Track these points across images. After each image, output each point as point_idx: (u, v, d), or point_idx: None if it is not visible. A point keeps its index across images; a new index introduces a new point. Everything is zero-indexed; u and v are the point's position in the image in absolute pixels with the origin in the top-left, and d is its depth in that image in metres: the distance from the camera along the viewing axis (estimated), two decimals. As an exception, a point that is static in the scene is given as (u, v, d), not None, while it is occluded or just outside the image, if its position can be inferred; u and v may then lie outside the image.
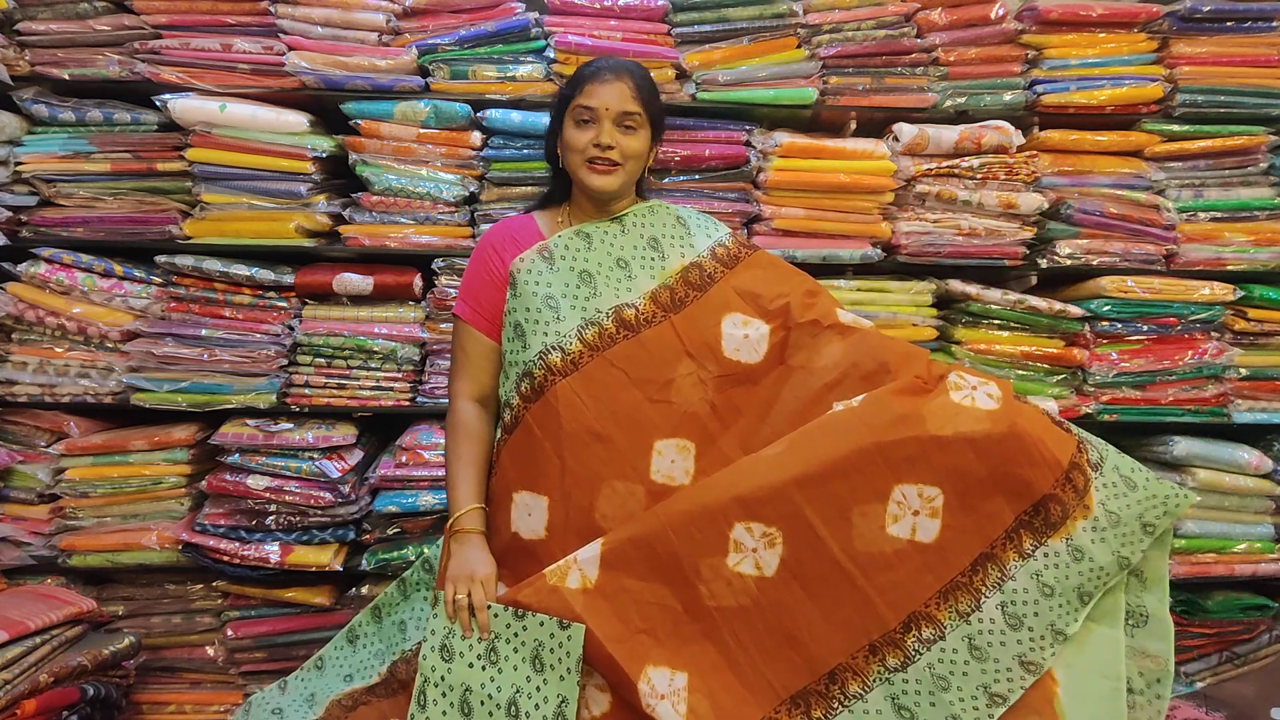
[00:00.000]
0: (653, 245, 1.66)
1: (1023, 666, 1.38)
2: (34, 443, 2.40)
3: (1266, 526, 2.53)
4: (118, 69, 2.34)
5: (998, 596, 1.41)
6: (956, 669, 1.39)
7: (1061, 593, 1.41)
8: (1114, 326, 2.49)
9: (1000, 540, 1.43)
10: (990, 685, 1.38)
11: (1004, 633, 1.40)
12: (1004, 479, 1.43)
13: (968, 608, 1.41)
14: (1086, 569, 1.41)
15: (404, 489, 2.38)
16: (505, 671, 1.42)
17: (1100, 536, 1.43)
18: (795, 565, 1.42)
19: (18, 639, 1.96)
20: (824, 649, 1.41)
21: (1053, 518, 1.43)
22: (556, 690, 1.39)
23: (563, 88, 1.67)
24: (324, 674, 1.73)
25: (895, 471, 1.43)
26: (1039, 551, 1.42)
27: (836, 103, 2.45)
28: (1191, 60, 2.48)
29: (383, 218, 2.40)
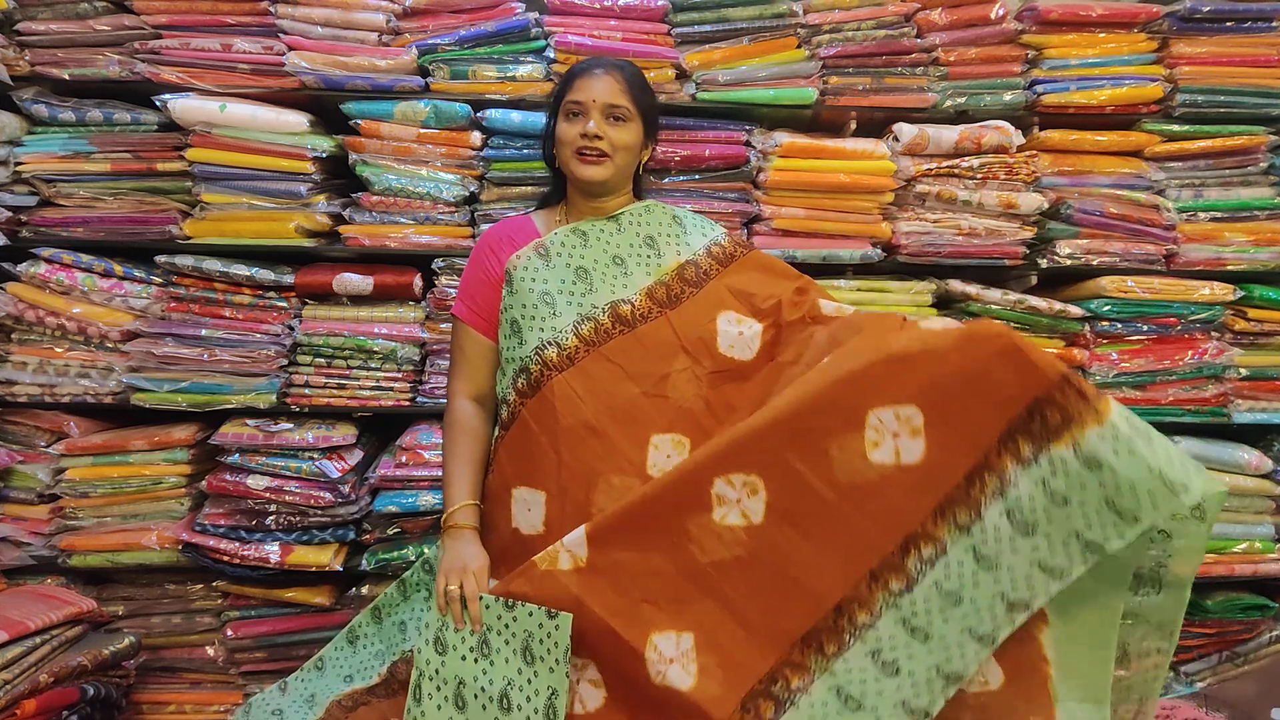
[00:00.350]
0: (649, 243, 1.67)
1: (1044, 571, 1.28)
2: (34, 443, 2.40)
3: (1266, 526, 2.53)
4: (118, 69, 2.34)
5: (1000, 504, 1.31)
6: (965, 582, 1.32)
7: (1082, 502, 1.25)
8: (1114, 326, 2.49)
9: (994, 449, 1.32)
10: (1007, 593, 1.30)
11: (1013, 539, 1.30)
12: (986, 387, 1.31)
13: (967, 520, 1.33)
14: (1110, 481, 1.22)
15: (404, 489, 2.38)
16: (497, 664, 1.42)
17: (1123, 447, 1.22)
18: (782, 508, 1.39)
19: (18, 639, 1.96)
20: (825, 585, 1.37)
21: (1052, 423, 1.28)
22: (547, 682, 1.38)
23: (555, 87, 1.70)
24: (324, 675, 1.73)
25: (866, 397, 1.36)
26: (1042, 458, 1.28)
27: (836, 103, 2.45)
28: (1191, 60, 2.48)
29: (383, 218, 2.40)
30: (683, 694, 1.35)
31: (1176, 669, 2.60)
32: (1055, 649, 1.37)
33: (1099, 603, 1.35)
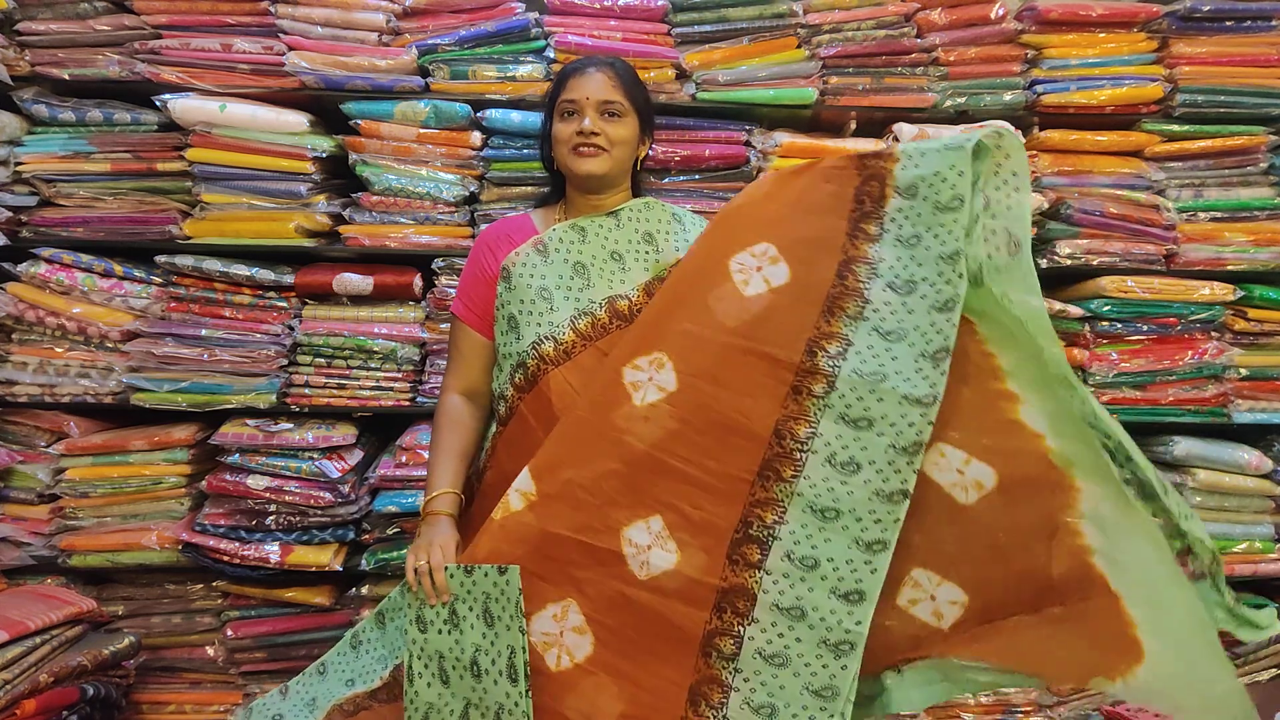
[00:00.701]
0: (647, 239, 1.68)
1: (940, 311, 1.36)
2: (34, 443, 2.40)
3: (1266, 526, 2.53)
4: (118, 69, 2.34)
5: (879, 282, 1.42)
6: (881, 358, 1.38)
7: (928, 226, 1.41)
8: (1114, 326, 2.49)
9: (847, 243, 1.46)
10: (924, 349, 1.36)
11: (905, 302, 1.39)
12: (816, 202, 1.50)
13: (856, 308, 1.42)
14: (928, 189, 1.41)
15: (404, 489, 2.38)
16: (465, 632, 1.43)
17: (916, 156, 1.44)
18: (690, 369, 1.44)
19: (18, 639, 1.96)
20: (757, 417, 1.40)
21: (874, 193, 1.47)
22: (506, 641, 1.38)
23: (549, 89, 1.71)
24: (326, 679, 1.72)
25: (722, 251, 1.51)
26: (885, 221, 1.45)
27: (836, 103, 2.45)
28: (1191, 60, 2.48)
29: (383, 218, 2.40)
30: (670, 573, 1.36)
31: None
32: (1044, 421, 1.36)
33: (1046, 361, 1.36)
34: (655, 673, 1.35)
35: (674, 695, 1.34)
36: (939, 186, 1.41)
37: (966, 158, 1.39)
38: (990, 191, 1.42)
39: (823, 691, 1.28)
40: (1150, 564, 1.30)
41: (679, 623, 1.35)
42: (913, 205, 1.44)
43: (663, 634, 1.36)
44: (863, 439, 1.36)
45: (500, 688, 1.37)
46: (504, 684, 1.37)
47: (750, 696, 1.30)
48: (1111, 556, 1.31)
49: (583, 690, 1.37)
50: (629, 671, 1.36)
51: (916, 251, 1.41)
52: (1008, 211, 1.42)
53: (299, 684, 1.71)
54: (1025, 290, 1.39)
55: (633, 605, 1.37)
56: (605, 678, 1.37)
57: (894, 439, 1.33)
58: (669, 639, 1.35)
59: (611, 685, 1.36)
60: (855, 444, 1.36)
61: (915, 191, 1.44)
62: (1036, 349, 1.36)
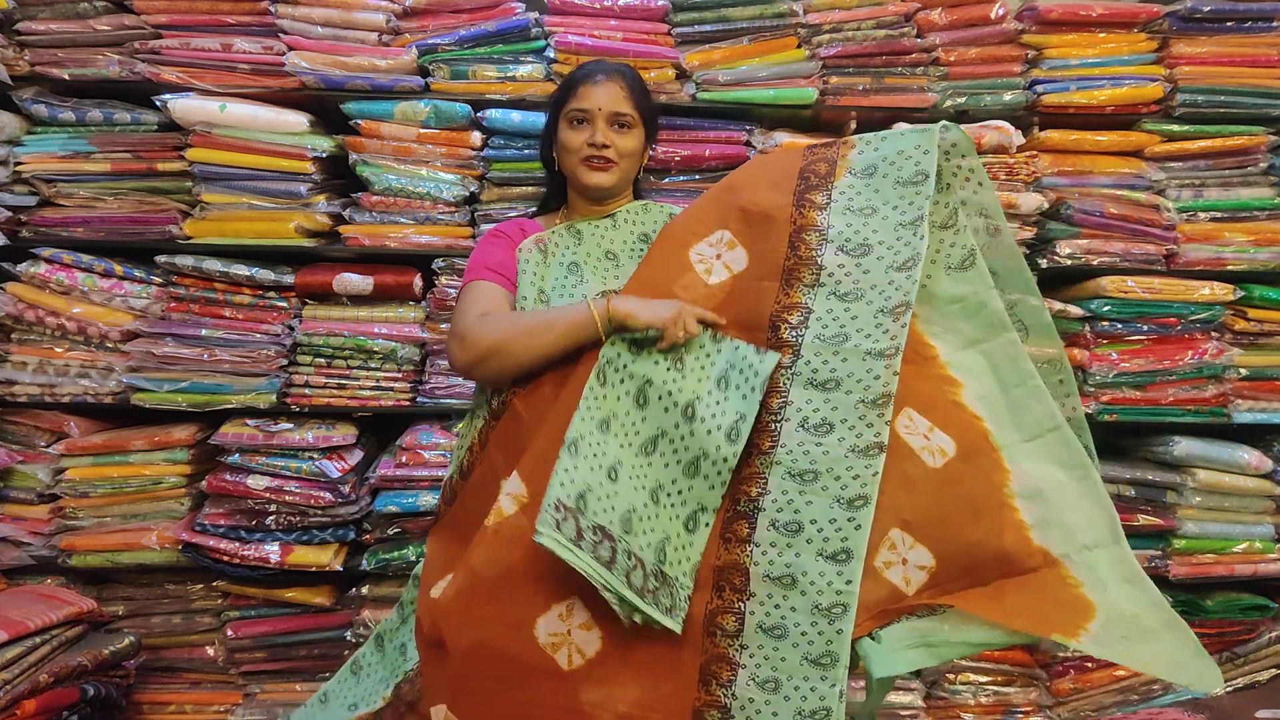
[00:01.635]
0: (643, 240, 1.68)
1: (899, 270, 1.43)
2: (34, 443, 2.40)
3: (1266, 526, 2.53)
4: (118, 69, 2.34)
5: (830, 247, 1.48)
6: (842, 320, 1.43)
7: (886, 199, 1.49)
8: (1114, 326, 2.49)
9: (794, 214, 1.52)
10: (884, 306, 1.41)
11: (859, 264, 1.46)
12: (763, 184, 1.57)
13: (812, 276, 1.47)
14: (888, 169, 1.50)
15: (404, 489, 2.38)
16: (689, 379, 1.44)
17: (876, 141, 1.55)
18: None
19: (18, 639, 1.96)
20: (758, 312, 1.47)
21: (821, 172, 1.55)
22: (737, 407, 1.39)
23: (555, 92, 1.70)
24: (328, 707, 1.71)
25: (682, 242, 1.56)
26: (834, 193, 1.53)
27: (836, 103, 2.45)
28: (1191, 60, 2.48)
29: (383, 218, 2.40)
30: None
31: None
32: (982, 405, 1.46)
33: (995, 348, 1.48)
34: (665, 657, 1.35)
35: (686, 676, 1.34)
36: (901, 164, 1.50)
37: (932, 138, 1.49)
38: (960, 190, 1.53)
39: (820, 659, 1.28)
40: (1081, 528, 1.41)
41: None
42: (869, 183, 1.52)
43: None
44: (832, 399, 1.38)
45: (713, 439, 1.38)
46: (718, 437, 1.38)
47: (755, 672, 1.31)
48: (1047, 529, 1.39)
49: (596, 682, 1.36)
50: (640, 659, 1.36)
51: (871, 220, 1.49)
52: (978, 200, 1.54)
53: (302, 715, 1.71)
54: (1010, 257, 1.54)
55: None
56: (617, 668, 1.36)
57: (862, 394, 1.37)
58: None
59: (624, 674, 1.35)
60: (825, 405, 1.38)
61: (874, 171, 1.52)
62: (992, 320, 1.48)
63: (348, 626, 2.40)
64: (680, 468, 1.41)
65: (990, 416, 1.46)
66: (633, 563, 1.33)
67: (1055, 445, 1.44)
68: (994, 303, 1.48)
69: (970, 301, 1.49)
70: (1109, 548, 1.40)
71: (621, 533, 1.34)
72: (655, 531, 1.38)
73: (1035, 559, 1.38)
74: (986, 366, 1.48)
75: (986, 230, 1.55)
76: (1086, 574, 1.37)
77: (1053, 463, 1.44)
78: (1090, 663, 2.51)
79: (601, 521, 1.33)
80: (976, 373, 1.48)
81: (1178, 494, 2.49)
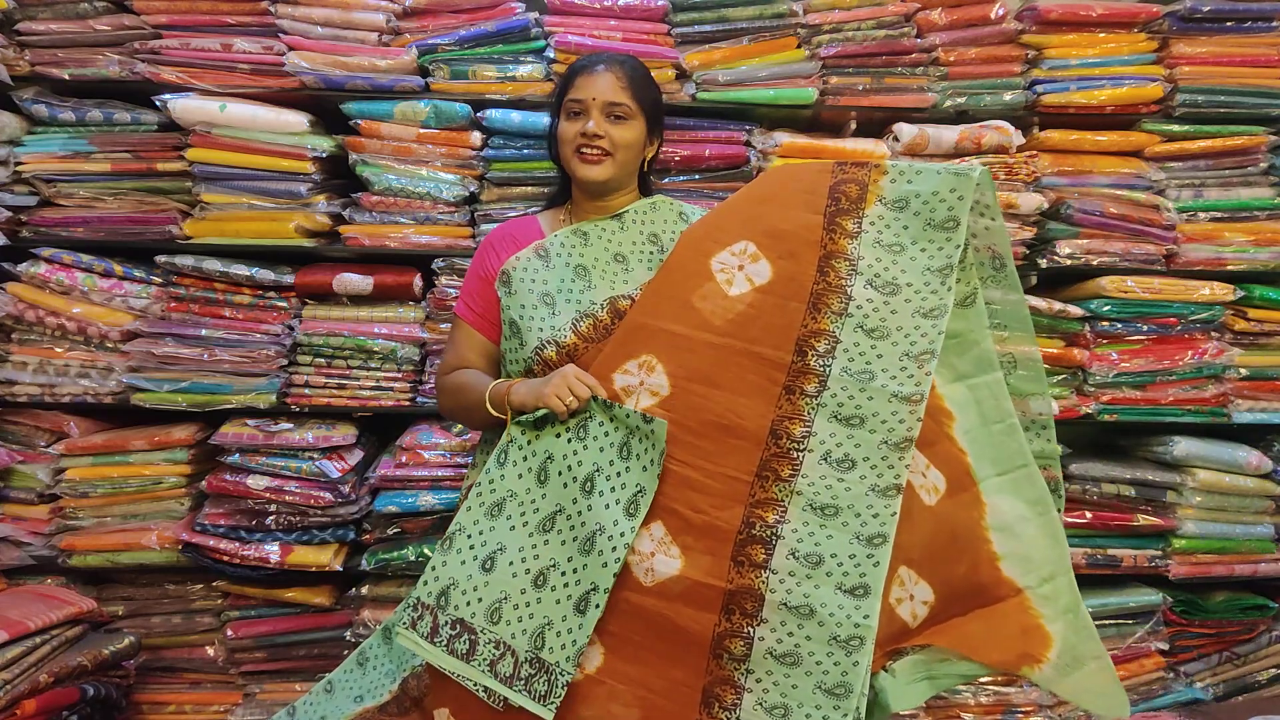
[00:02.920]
0: (652, 240, 1.67)
1: (925, 317, 1.43)
2: (34, 443, 2.40)
3: (1266, 526, 2.53)
4: (118, 69, 2.34)
5: (860, 279, 1.47)
6: (868, 356, 1.43)
7: (915, 239, 1.49)
8: (1114, 326, 2.49)
9: (824, 237, 1.50)
10: (909, 350, 1.42)
11: (887, 302, 1.45)
12: (792, 199, 1.55)
13: (840, 305, 1.46)
14: (921, 205, 1.49)
15: (404, 489, 2.38)
16: (590, 450, 1.44)
17: (911, 174, 1.52)
18: (681, 370, 1.45)
19: (18, 639, 1.96)
20: (752, 417, 1.41)
21: (852, 195, 1.53)
22: (637, 479, 1.39)
23: (557, 85, 1.69)
24: (333, 697, 1.71)
25: (703, 250, 1.54)
26: (864, 222, 1.51)
27: (836, 103, 2.45)
28: (1191, 60, 2.48)
29: (383, 218, 2.40)
30: (676, 578, 1.36)
31: (1176, 669, 2.60)
32: (966, 439, 1.51)
33: (981, 384, 1.53)
34: (667, 676, 1.35)
35: (687, 698, 1.34)
36: (935, 205, 1.49)
37: (970, 184, 1.47)
38: (973, 223, 1.54)
39: (835, 689, 1.28)
40: (1040, 560, 1.48)
41: (688, 626, 1.34)
42: (899, 217, 1.51)
43: (673, 639, 1.35)
44: (856, 436, 1.38)
45: (610, 514, 1.37)
46: (616, 511, 1.37)
47: (763, 697, 1.30)
48: (1014, 561, 1.47)
49: (596, 698, 1.36)
50: (640, 677, 1.36)
51: (900, 259, 1.48)
52: (987, 233, 1.57)
53: (306, 704, 1.70)
54: (1010, 289, 1.58)
55: (641, 612, 1.37)
56: (618, 685, 1.36)
57: (885, 435, 1.37)
58: (679, 643, 1.35)
59: (625, 692, 1.36)
60: (849, 441, 1.39)
61: (905, 206, 1.51)
62: (982, 358, 1.52)
63: (348, 626, 2.40)
64: (576, 545, 1.40)
65: (972, 451, 1.51)
66: (499, 651, 1.37)
67: (1023, 481, 1.51)
68: (986, 343, 1.53)
69: (965, 339, 1.53)
70: (1061, 578, 1.48)
71: (487, 624, 1.38)
72: (534, 618, 1.39)
73: (1004, 589, 1.46)
74: (972, 401, 1.53)
75: (992, 264, 1.57)
76: (1047, 606, 1.46)
77: (1019, 498, 1.50)
78: (1090, 663, 2.52)
79: (463, 615, 1.39)
80: (963, 406, 1.53)
81: (1178, 494, 2.49)
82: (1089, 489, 2.48)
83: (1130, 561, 2.50)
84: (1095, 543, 2.50)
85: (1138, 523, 2.48)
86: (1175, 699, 2.55)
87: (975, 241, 1.55)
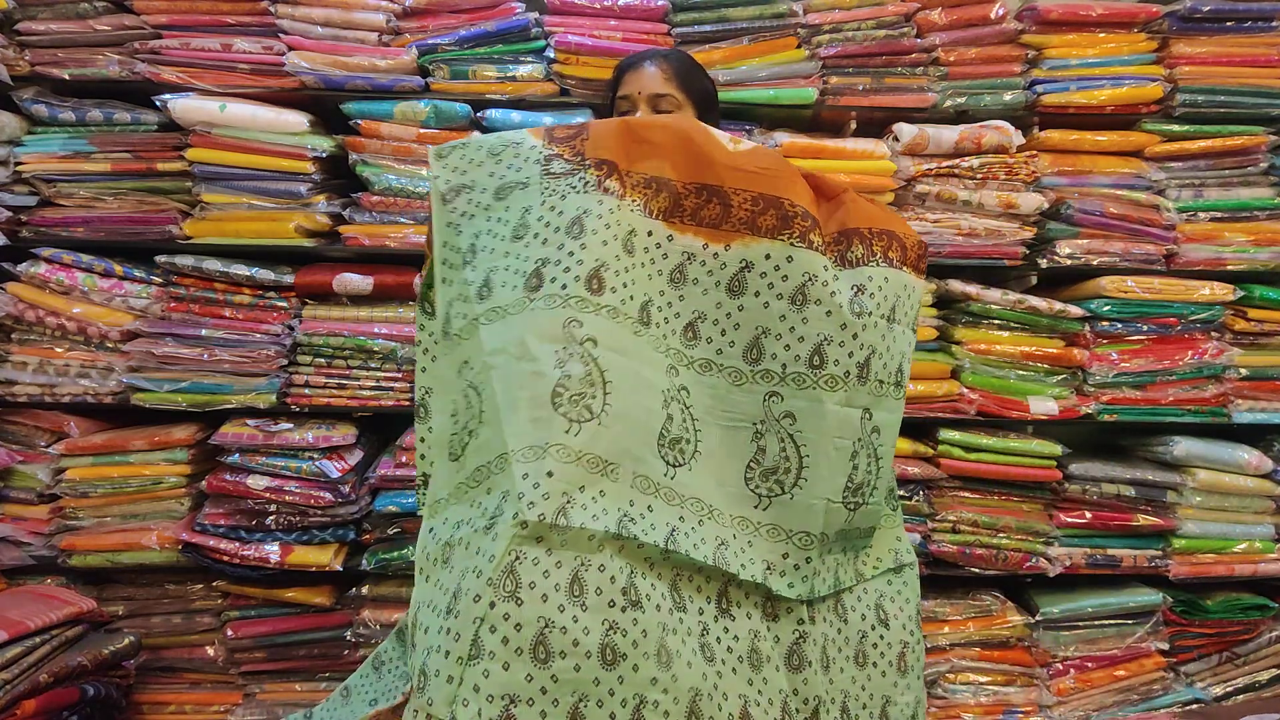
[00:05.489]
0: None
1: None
2: (34, 443, 2.40)
3: (1266, 526, 2.53)
4: (118, 69, 2.34)
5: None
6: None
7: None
8: (1114, 326, 2.49)
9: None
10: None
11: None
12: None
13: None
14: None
15: (404, 489, 2.38)
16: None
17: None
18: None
19: (18, 639, 1.96)
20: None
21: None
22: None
23: (607, 87, 1.71)
24: (350, 702, 1.71)
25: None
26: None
27: (836, 103, 2.45)
28: (1191, 60, 2.48)
29: (383, 218, 2.40)
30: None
31: (1176, 669, 2.60)
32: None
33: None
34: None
35: None
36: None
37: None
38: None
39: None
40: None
41: None
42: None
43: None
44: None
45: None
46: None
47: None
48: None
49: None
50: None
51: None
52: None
53: (323, 710, 1.70)
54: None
55: None
56: None
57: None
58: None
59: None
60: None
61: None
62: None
63: (348, 626, 2.40)
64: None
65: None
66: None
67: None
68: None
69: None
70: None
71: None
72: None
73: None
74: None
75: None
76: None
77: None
78: (1090, 663, 2.52)
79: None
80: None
81: (1178, 494, 2.49)
82: (1089, 489, 2.48)
83: (1130, 561, 2.50)
84: (1095, 543, 2.50)
85: (1138, 523, 2.48)
86: (1175, 699, 2.55)
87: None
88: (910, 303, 1.41)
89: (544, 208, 1.24)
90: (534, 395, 1.15)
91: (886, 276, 1.36)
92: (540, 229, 1.23)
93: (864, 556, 1.44)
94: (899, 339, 1.38)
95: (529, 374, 1.16)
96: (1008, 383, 2.47)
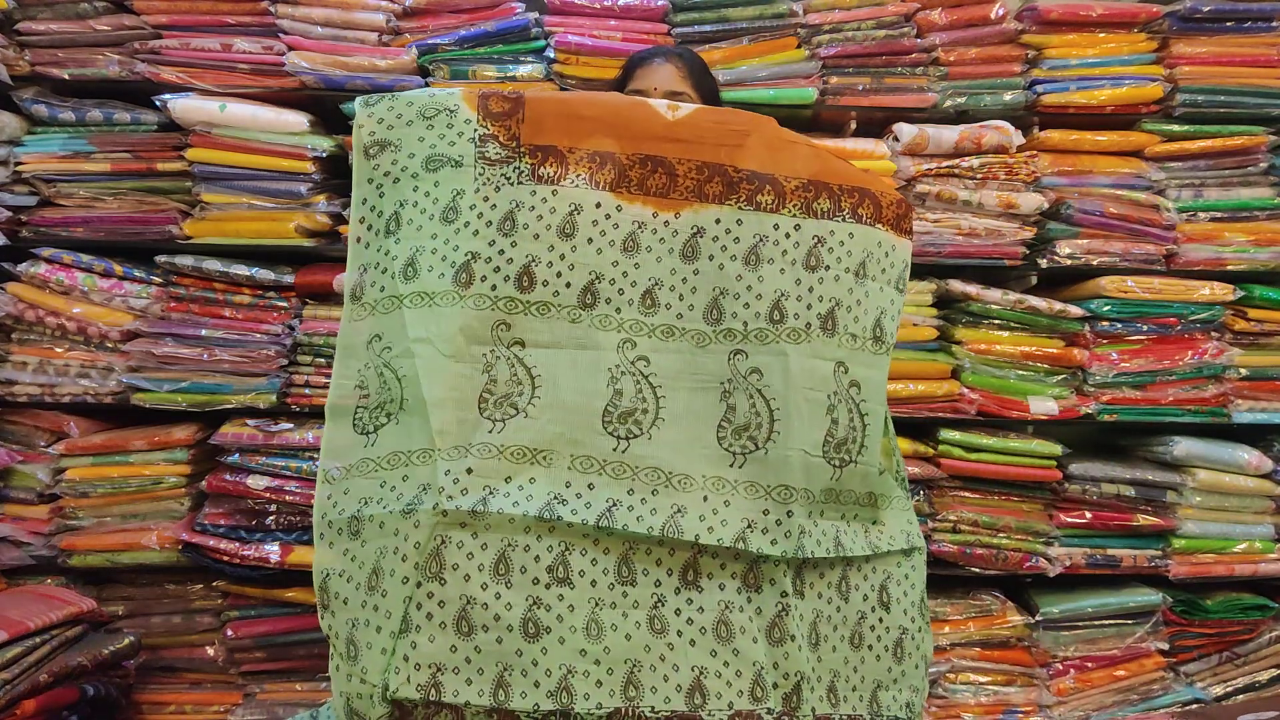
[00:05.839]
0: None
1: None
2: (34, 443, 2.40)
3: (1266, 526, 2.53)
4: (118, 69, 2.34)
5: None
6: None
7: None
8: (1114, 326, 2.49)
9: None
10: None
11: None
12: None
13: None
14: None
15: (404, 489, 2.38)
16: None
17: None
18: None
19: (18, 639, 1.96)
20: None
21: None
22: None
23: (615, 78, 1.69)
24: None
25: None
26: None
27: (836, 103, 2.45)
28: (1191, 60, 2.48)
29: (383, 218, 2.40)
30: None
31: (1176, 669, 2.60)
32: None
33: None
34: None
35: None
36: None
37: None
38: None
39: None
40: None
41: None
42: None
43: None
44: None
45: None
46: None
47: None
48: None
49: None
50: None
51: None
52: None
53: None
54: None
55: None
56: None
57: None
58: None
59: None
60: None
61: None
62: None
63: (348, 626, 2.40)
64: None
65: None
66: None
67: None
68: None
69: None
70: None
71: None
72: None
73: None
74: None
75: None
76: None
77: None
78: (1090, 663, 2.51)
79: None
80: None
81: (1178, 494, 2.49)
82: (1089, 489, 2.48)
83: (1130, 561, 2.50)
84: (1095, 543, 2.50)
85: (1138, 523, 2.48)
86: (1175, 699, 2.55)
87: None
88: (888, 260, 1.41)
89: (477, 195, 1.28)
90: (461, 397, 1.23)
91: (851, 232, 1.37)
92: (472, 218, 1.28)
93: (877, 530, 1.41)
94: (873, 295, 1.38)
95: (457, 375, 1.23)
96: (1008, 383, 2.47)
